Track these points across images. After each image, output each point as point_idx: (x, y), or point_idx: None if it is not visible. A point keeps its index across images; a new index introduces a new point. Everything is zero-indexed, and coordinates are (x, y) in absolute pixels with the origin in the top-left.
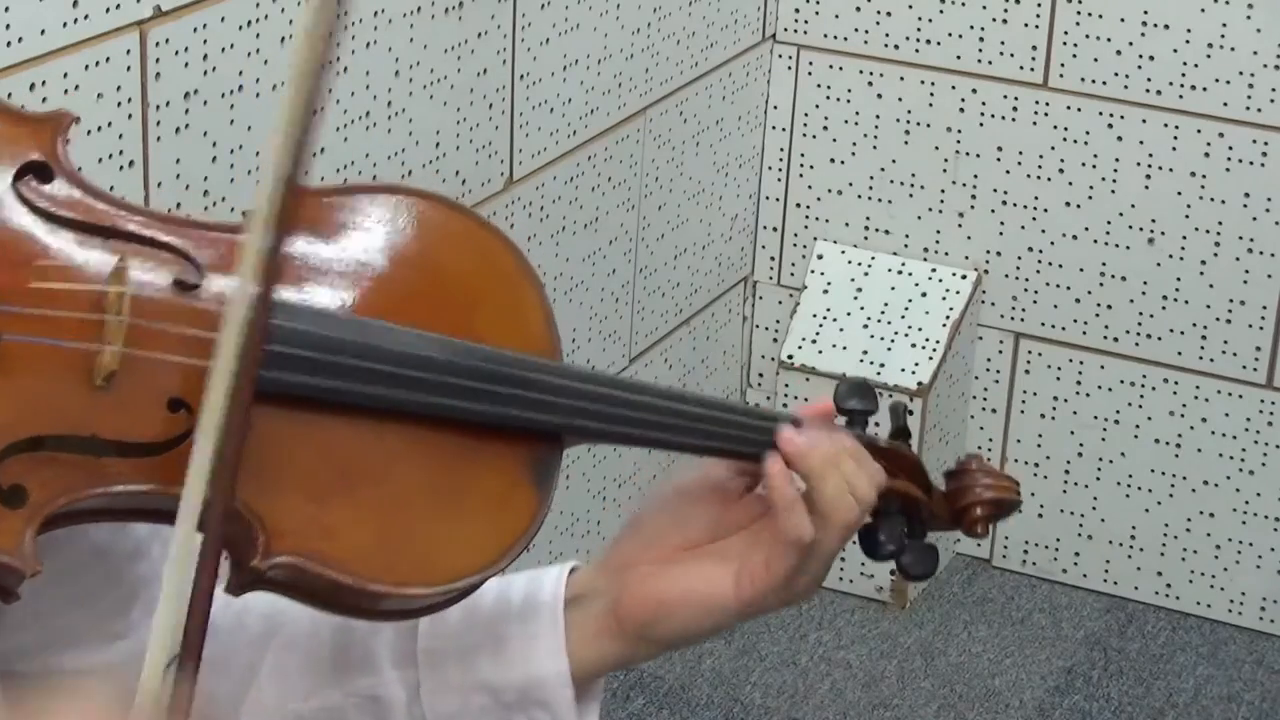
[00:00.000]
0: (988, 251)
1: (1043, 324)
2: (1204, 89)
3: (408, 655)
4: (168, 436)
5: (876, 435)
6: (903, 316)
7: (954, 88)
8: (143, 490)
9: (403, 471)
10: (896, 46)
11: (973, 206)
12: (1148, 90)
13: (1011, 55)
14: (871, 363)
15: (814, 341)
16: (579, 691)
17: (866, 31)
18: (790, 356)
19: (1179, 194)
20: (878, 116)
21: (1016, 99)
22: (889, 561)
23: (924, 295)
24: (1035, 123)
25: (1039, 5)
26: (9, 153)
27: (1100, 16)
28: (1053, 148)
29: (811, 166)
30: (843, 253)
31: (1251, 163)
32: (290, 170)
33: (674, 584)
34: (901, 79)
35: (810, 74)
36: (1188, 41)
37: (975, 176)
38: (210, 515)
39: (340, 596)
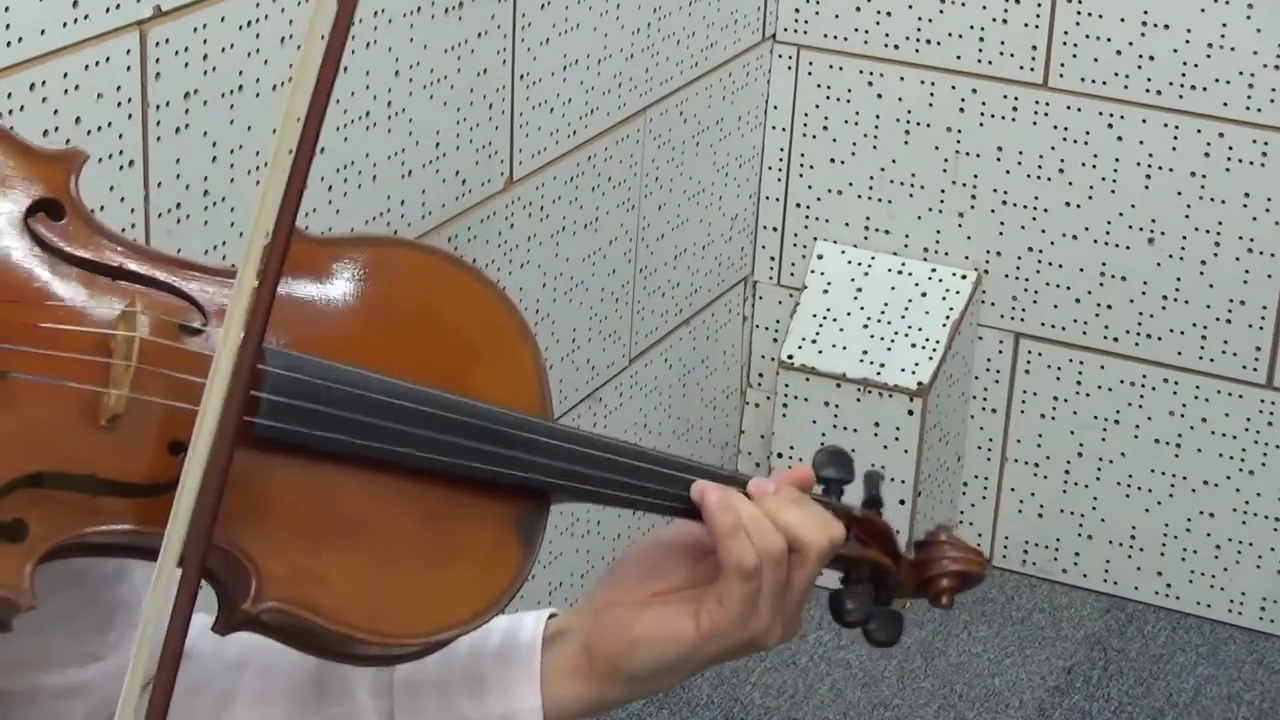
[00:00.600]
0: (988, 251)
1: (1043, 324)
2: (1204, 89)
3: (384, 686)
4: (167, 479)
5: (851, 505)
6: (903, 316)
7: (954, 88)
8: (139, 530)
9: (394, 523)
10: (896, 46)
11: (973, 206)
12: (1148, 90)
13: (1011, 55)
14: (871, 363)
15: (814, 341)
16: None
17: (866, 31)
18: (790, 356)
19: (1179, 194)
20: (878, 116)
21: (1016, 99)
22: (855, 628)
23: (924, 295)
24: (1035, 123)
25: (1039, 5)
26: (21, 190)
27: (1100, 16)
28: (1053, 148)
29: (811, 166)
30: (843, 253)
31: (1251, 163)
32: (276, 220)
33: (642, 620)
34: (901, 79)
35: (810, 74)
36: (1188, 41)
37: (975, 176)
38: (190, 552)
39: (325, 642)
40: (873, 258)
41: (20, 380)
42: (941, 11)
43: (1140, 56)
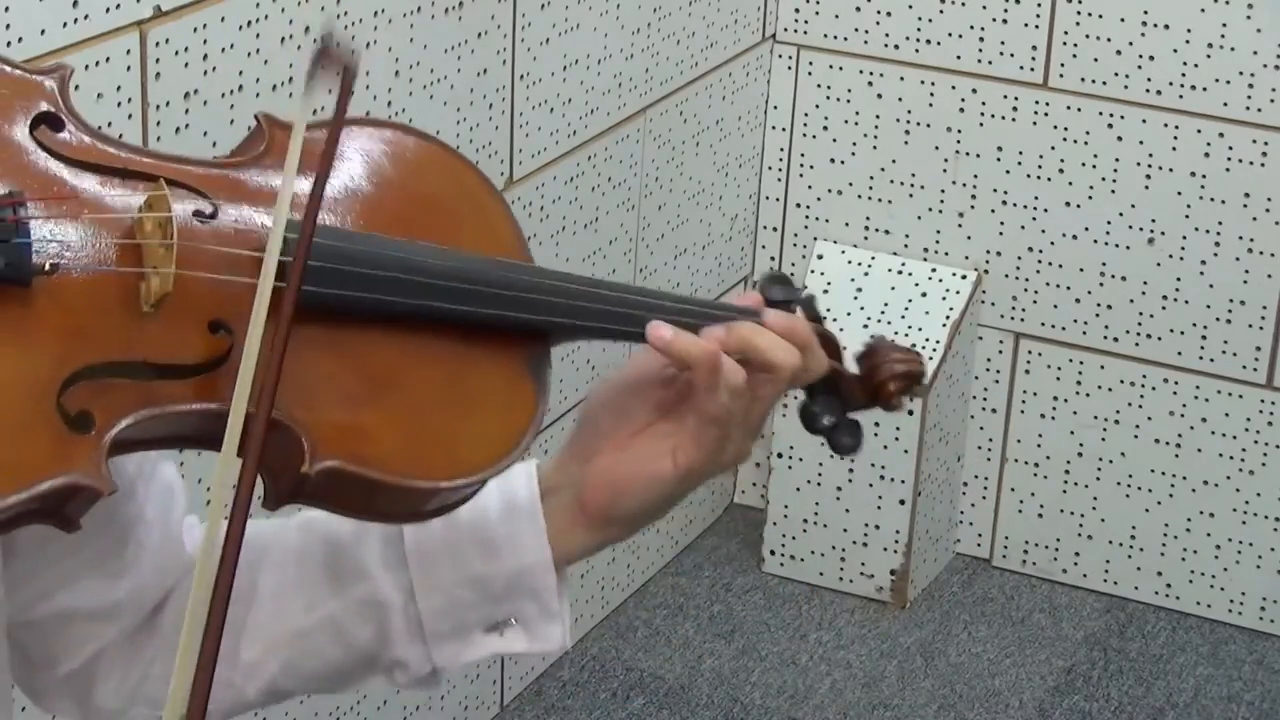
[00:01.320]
0: (988, 251)
1: (1043, 324)
2: (1204, 89)
3: (397, 558)
4: (211, 357)
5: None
6: (903, 316)
7: (954, 88)
8: (192, 410)
9: (421, 375)
10: (896, 46)
11: (973, 206)
12: (1148, 90)
13: (1011, 55)
14: None
15: None
16: (558, 578)
17: (866, 31)
18: None
19: (1179, 194)
20: (878, 116)
21: (1016, 99)
22: (824, 435)
23: (924, 295)
24: (1035, 123)
25: (1039, 5)
26: (20, 106)
27: (1100, 16)
28: (1053, 148)
29: (811, 166)
30: (843, 253)
31: (1251, 163)
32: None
33: (623, 467)
34: (901, 79)
35: (810, 74)
36: (1188, 41)
37: (975, 176)
38: (252, 429)
39: (375, 498)
40: (873, 258)
41: (69, 275)
42: (941, 11)
43: (1140, 56)
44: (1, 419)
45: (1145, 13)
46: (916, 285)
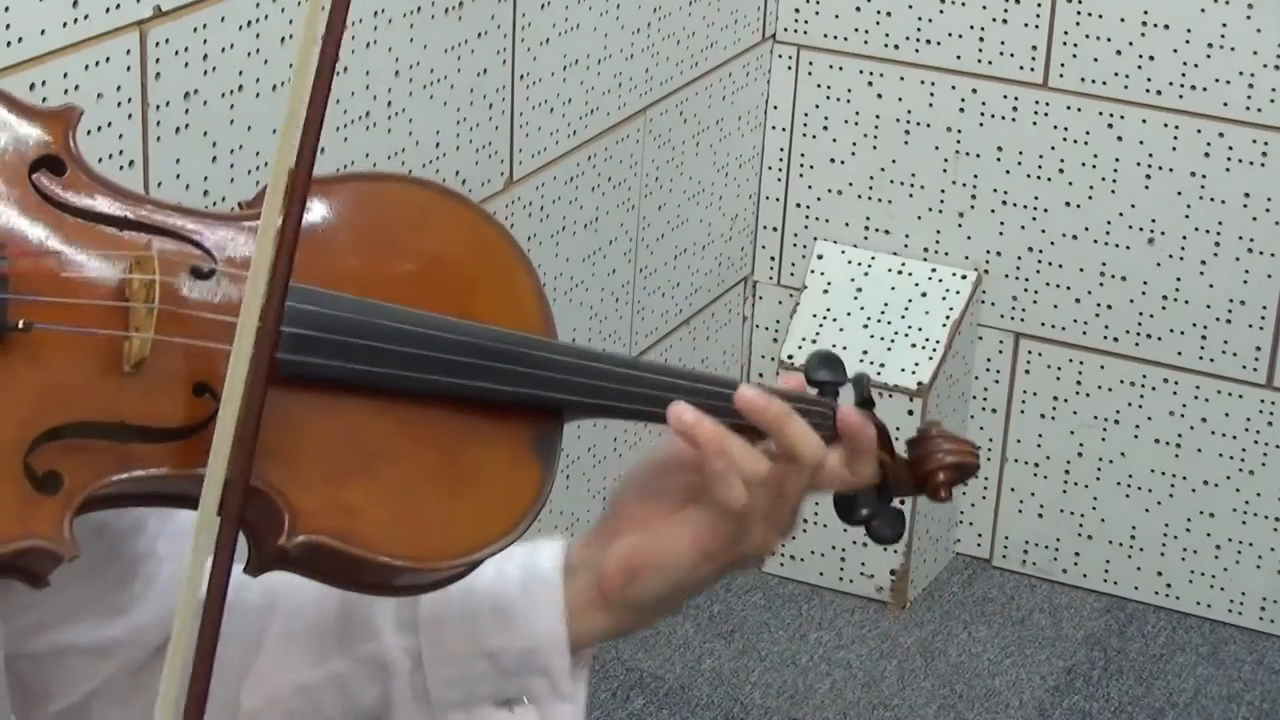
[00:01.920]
0: (988, 251)
1: (1043, 324)
2: (1204, 89)
3: (409, 622)
4: (193, 421)
5: (847, 406)
6: (903, 316)
7: (954, 88)
8: (170, 474)
9: (416, 450)
10: (896, 46)
11: (973, 206)
12: (1148, 90)
13: (1011, 55)
14: (871, 363)
15: (814, 341)
16: (573, 660)
17: (866, 31)
18: (790, 356)
19: (1179, 194)
20: (878, 116)
21: (1016, 99)
22: (862, 526)
23: (924, 295)
24: (1035, 123)
25: (1039, 5)
26: (23, 148)
27: (1100, 16)
28: (1053, 148)
29: (811, 166)
30: (843, 253)
31: (1251, 163)
32: (296, 158)
33: (642, 549)
34: (901, 79)
35: (810, 74)
36: (1188, 41)
37: (975, 176)
38: (230, 495)
39: (359, 573)
40: (873, 258)
41: (45, 332)
42: (941, 11)
43: (1140, 56)
44: None
45: (1145, 13)
46: (916, 285)
